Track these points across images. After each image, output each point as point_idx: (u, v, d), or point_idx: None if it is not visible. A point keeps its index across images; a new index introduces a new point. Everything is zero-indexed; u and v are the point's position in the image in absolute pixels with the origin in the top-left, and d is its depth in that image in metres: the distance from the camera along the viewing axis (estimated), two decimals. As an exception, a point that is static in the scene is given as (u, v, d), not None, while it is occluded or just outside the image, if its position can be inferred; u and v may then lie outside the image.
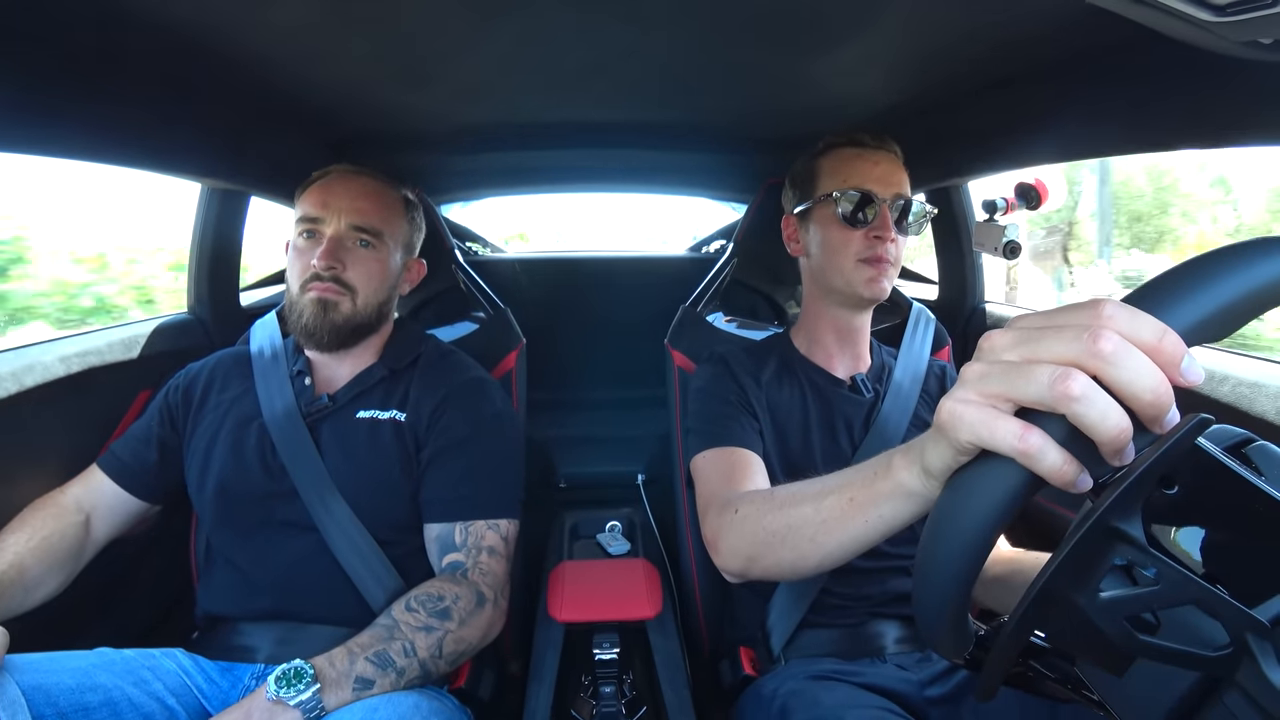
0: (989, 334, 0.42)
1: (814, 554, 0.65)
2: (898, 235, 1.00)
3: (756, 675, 1.01)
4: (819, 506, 0.63)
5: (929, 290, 1.74)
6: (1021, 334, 0.40)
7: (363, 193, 1.06)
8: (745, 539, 0.75)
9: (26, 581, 0.88)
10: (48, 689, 0.73)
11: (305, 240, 1.04)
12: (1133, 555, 0.38)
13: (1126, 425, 0.36)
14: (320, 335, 1.03)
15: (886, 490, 0.54)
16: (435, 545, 1.00)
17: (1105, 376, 0.36)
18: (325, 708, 0.76)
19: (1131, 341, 0.36)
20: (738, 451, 0.95)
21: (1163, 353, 0.36)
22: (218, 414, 1.05)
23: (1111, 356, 0.36)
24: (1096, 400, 0.36)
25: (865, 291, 1.00)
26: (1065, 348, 0.37)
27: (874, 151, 1.03)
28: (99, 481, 1.02)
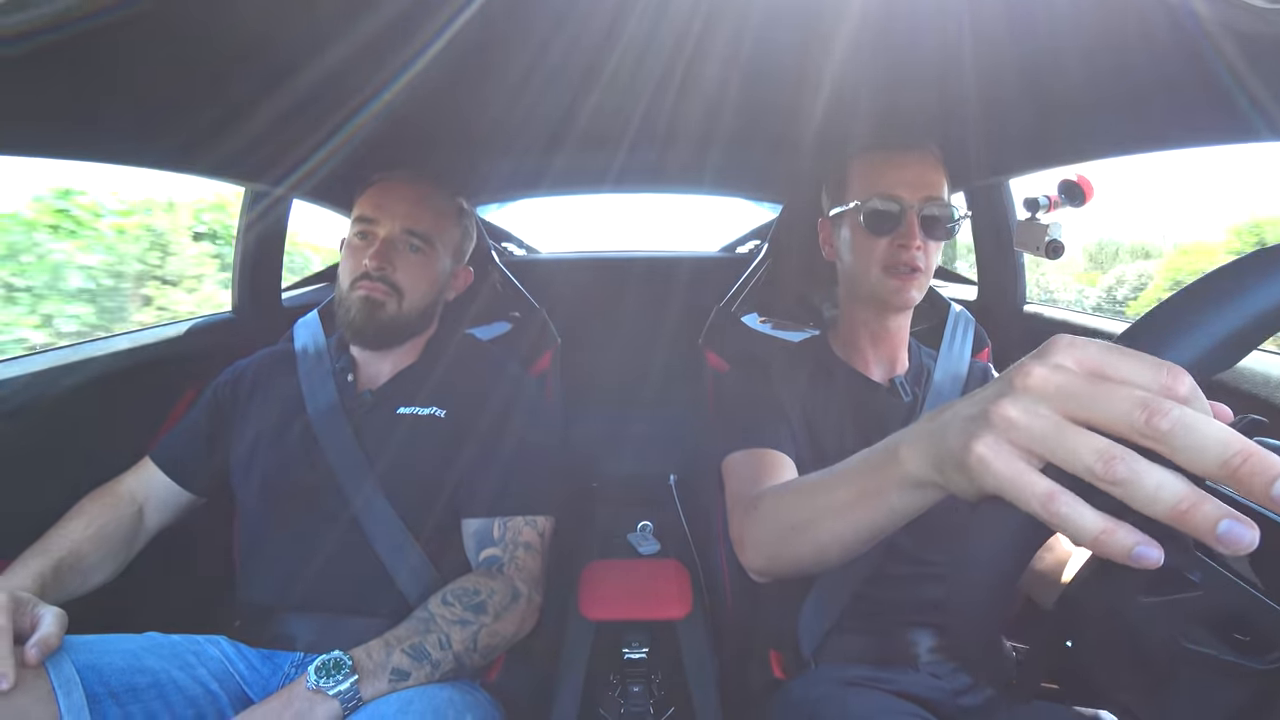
0: (1029, 368, 0.37)
1: (833, 545, 0.64)
2: (927, 241, 0.97)
3: (786, 679, 1.00)
4: (831, 498, 0.62)
5: (968, 291, 1.71)
6: (1069, 381, 0.36)
7: (417, 198, 1.10)
8: (767, 535, 0.75)
9: (84, 567, 0.92)
10: (100, 669, 0.76)
11: (360, 240, 1.08)
12: (1177, 559, 0.37)
13: (1188, 496, 0.31)
14: (365, 332, 1.06)
15: (895, 479, 0.51)
16: (473, 540, 1.01)
17: (1164, 453, 0.32)
18: (362, 698, 0.77)
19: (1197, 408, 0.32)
20: (768, 453, 0.94)
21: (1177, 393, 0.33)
22: (264, 409, 1.09)
23: (1168, 436, 0.32)
24: (1144, 484, 0.32)
25: (891, 300, 0.98)
26: (1117, 416, 0.33)
27: (903, 153, 1.00)
28: (151, 474, 1.06)
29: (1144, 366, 0.34)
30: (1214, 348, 0.35)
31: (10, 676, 0.65)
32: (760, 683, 1.05)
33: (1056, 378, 0.36)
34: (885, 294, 0.98)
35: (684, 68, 1.09)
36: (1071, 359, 0.36)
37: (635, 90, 1.20)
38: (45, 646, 0.71)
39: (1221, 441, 0.31)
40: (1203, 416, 0.32)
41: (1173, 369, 0.33)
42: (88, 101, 0.88)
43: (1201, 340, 0.35)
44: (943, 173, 1.00)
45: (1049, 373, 0.36)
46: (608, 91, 1.21)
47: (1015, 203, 1.51)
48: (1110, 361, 0.35)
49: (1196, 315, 0.35)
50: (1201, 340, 0.35)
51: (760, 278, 1.36)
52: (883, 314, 1.03)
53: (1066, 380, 0.36)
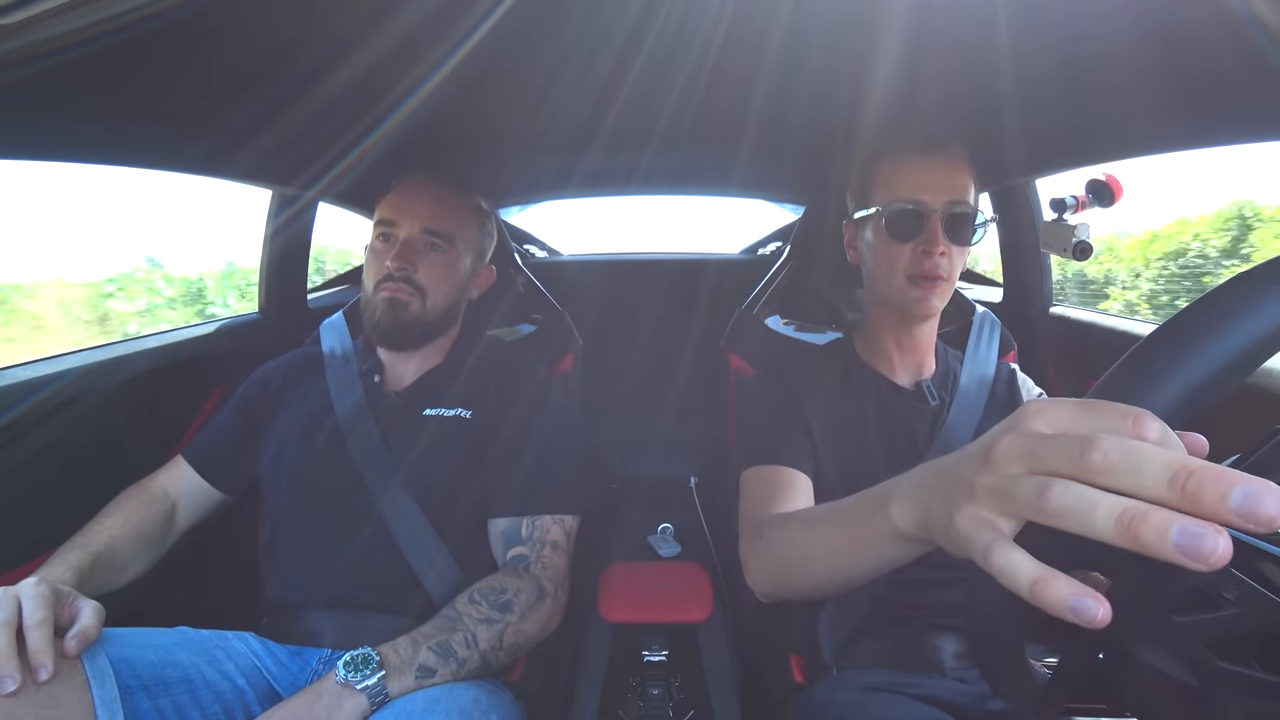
0: (999, 439, 0.38)
1: (830, 582, 0.65)
2: (951, 246, 0.95)
3: (807, 684, 0.99)
4: (828, 540, 0.63)
5: (993, 293, 1.68)
6: (1029, 442, 0.36)
7: (436, 199, 1.12)
8: (769, 564, 0.77)
9: (118, 563, 0.94)
10: (132, 662, 0.78)
11: (381, 243, 1.10)
12: (1212, 576, 0.35)
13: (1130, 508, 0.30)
14: (391, 333, 1.08)
15: (886, 532, 0.51)
16: (500, 539, 1.02)
17: (1112, 486, 0.31)
18: (389, 694, 0.78)
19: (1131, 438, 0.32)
20: (782, 471, 0.93)
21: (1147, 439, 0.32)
22: (292, 410, 1.11)
23: (1105, 466, 0.31)
24: (1079, 508, 0.32)
25: (914, 309, 0.97)
26: (1061, 460, 0.33)
27: (925, 156, 0.98)
28: (184, 472, 1.09)
29: (1110, 416, 0.34)
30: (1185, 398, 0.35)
31: (49, 666, 0.67)
32: (781, 687, 1.04)
33: (1021, 443, 0.36)
34: (908, 303, 0.97)
35: (707, 70, 1.09)
36: (1042, 422, 0.36)
37: (658, 92, 1.21)
38: (84, 638, 0.72)
39: (1163, 463, 0.30)
40: (1141, 444, 0.31)
41: (1138, 415, 0.33)
42: (124, 108, 0.90)
43: (1169, 393, 0.35)
44: (969, 174, 0.98)
45: (1017, 440, 0.37)
46: (630, 94, 1.21)
47: (1041, 203, 1.48)
48: (1079, 417, 0.35)
49: (1161, 367, 0.35)
50: (1169, 393, 0.35)
51: (782, 280, 1.36)
52: (907, 321, 1.02)
53: (1028, 442, 0.36)
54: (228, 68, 0.98)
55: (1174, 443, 0.33)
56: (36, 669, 0.66)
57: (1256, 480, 0.27)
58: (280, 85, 1.07)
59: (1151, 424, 0.32)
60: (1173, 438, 0.33)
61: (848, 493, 0.96)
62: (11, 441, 0.94)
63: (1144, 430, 0.32)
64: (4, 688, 0.64)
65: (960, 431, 1.00)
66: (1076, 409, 0.35)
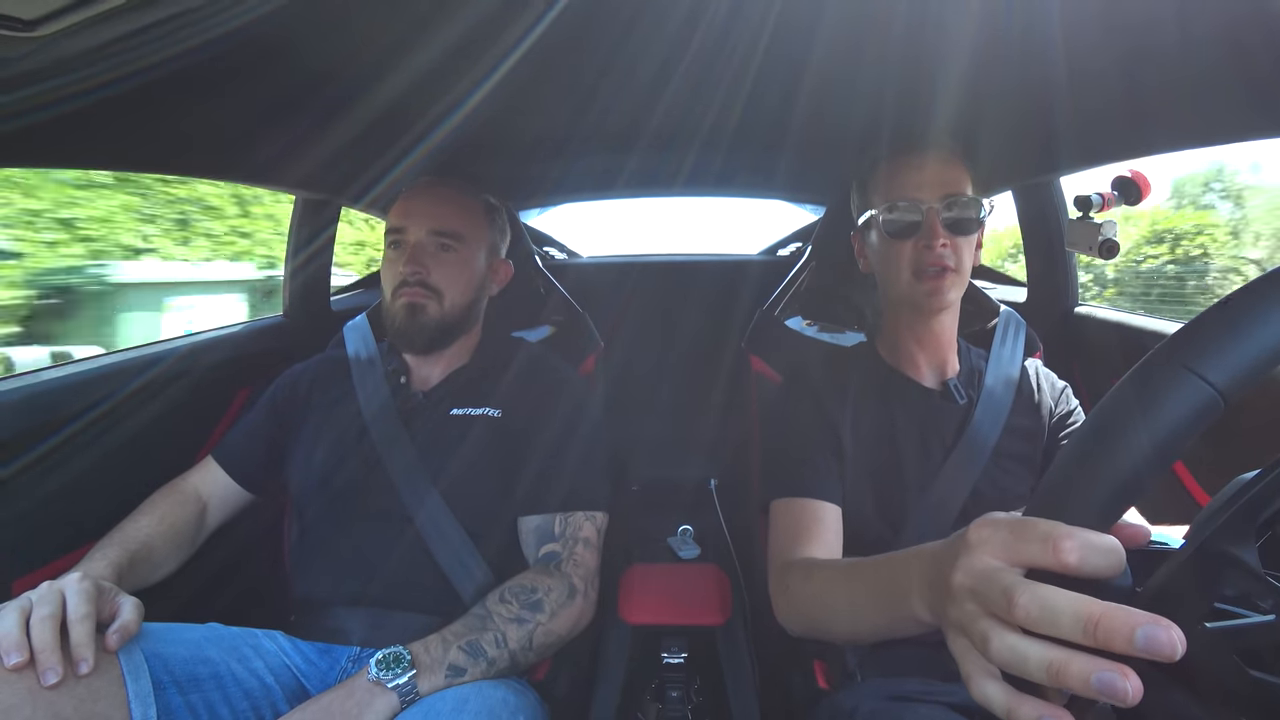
0: (953, 574, 0.42)
1: (861, 638, 0.69)
2: (954, 238, 0.95)
3: (830, 690, 0.98)
4: (853, 610, 0.67)
5: (1018, 293, 1.66)
6: (974, 582, 0.40)
7: (441, 200, 1.13)
8: (797, 613, 0.81)
9: (154, 560, 0.96)
10: (165, 657, 0.79)
11: (393, 251, 1.12)
12: (1246, 584, 0.35)
13: (1056, 659, 0.35)
14: (412, 337, 1.09)
15: (908, 618, 0.54)
16: (533, 537, 1.03)
17: (1037, 631, 0.36)
18: (419, 692, 0.79)
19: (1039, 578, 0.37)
20: (810, 505, 0.94)
21: (1066, 564, 0.36)
22: (321, 413, 1.12)
23: (1027, 621, 0.36)
24: (1015, 658, 0.36)
25: (924, 304, 0.97)
26: (997, 610, 0.38)
27: (918, 155, 0.99)
28: (215, 473, 1.10)
29: (1034, 544, 0.38)
30: (1107, 503, 0.37)
31: (90, 661, 0.69)
32: (804, 693, 1.03)
33: (969, 582, 0.41)
34: (919, 298, 0.97)
35: (729, 74, 1.09)
36: (985, 551, 0.41)
37: (679, 94, 1.21)
38: (125, 634, 0.74)
39: (1074, 613, 0.34)
40: (1051, 593, 0.35)
41: (1057, 541, 0.36)
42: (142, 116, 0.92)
43: (1093, 502, 0.37)
44: (963, 169, 0.99)
45: (965, 578, 0.41)
46: (651, 97, 1.22)
47: (1066, 201, 1.46)
48: (1012, 548, 0.39)
49: (1082, 474, 0.38)
50: (1093, 502, 0.37)
51: (804, 280, 1.35)
52: (923, 317, 1.01)
53: (974, 581, 0.40)
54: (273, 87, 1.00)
55: (1099, 548, 0.36)
56: (78, 663, 0.68)
57: (1154, 620, 0.32)
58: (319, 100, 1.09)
59: (1067, 546, 0.36)
60: (1097, 543, 0.36)
61: (878, 500, 0.96)
62: (47, 441, 0.96)
63: (1062, 557, 0.36)
64: (46, 680, 0.65)
65: (985, 432, 0.99)
66: (1009, 536, 0.40)
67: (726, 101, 1.27)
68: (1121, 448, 0.36)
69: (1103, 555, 0.36)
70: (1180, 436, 0.36)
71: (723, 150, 1.61)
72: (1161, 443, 0.36)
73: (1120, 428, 0.37)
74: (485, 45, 0.93)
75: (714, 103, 1.28)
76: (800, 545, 0.89)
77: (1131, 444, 0.36)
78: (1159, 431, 0.36)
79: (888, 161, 1.02)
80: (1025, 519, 0.39)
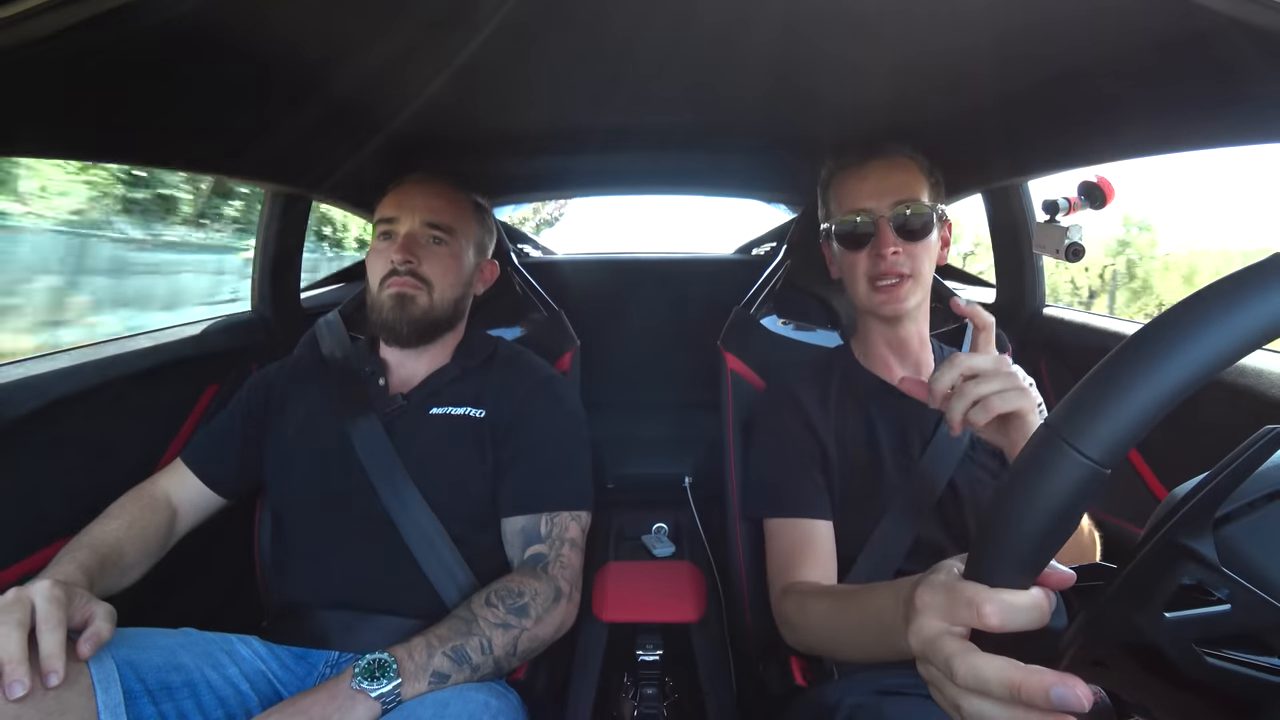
0: (908, 639, 0.48)
1: (862, 659, 0.74)
2: (907, 243, 0.97)
3: (808, 686, 0.99)
4: (853, 642, 0.71)
5: (986, 293, 1.69)
6: (924, 648, 0.46)
7: (435, 193, 1.12)
8: (801, 639, 0.85)
9: (123, 565, 0.93)
10: (137, 665, 0.77)
11: (383, 241, 1.10)
12: (1202, 575, 0.36)
13: None
14: (400, 329, 1.07)
15: (901, 651, 0.56)
16: (519, 538, 1.02)
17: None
18: (401, 698, 0.78)
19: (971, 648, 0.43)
20: (800, 525, 0.97)
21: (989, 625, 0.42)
22: (298, 416, 1.10)
23: (964, 687, 0.42)
24: None
25: (881, 311, 1.00)
26: (945, 672, 0.44)
27: (861, 165, 1.01)
28: (186, 477, 1.07)
29: (964, 611, 0.43)
30: (1025, 567, 0.41)
31: (61, 672, 0.66)
32: (781, 689, 1.04)
33: (919, 646, 0.47)
34: (875, 307, 1.00)
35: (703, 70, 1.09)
36: (931, 617, 0.46)
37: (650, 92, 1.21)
38: (97, 641, 0.71)
39: (1000, 681, 0.40)
40: (986, 664, 0.41)
41: (979, 608, 0.42)
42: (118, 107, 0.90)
43: (1007, 569, 0.42)
44: (915, 172, 1.01)
45: (916, 643, 0.47)
46: (627, 94, 1.22)
47: (1034, 204, 1.49)
48: (949, 612, 0.45)
49: (998, 537, 0.42)
50: (1007, 569, 0.42)
51: (778, 279, 1.36)
52: (889, 323, 1.04)
53: (923, 648, 0.46)
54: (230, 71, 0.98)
55: (1019, 608, 0.41)
56: (48, 674, 0.65)
57: (1065, 680, 0.38)
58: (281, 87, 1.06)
59: (988, 611, 0.41)
60: (1017, 604, 0.41)
61: (861, 498, 0.99)
62: (4, 441, 0.93)
63: (986, 621, 0.41)
64: (13, 693, 0.62)
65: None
66: (945, 601, 0.45)
67: (701, 100, 1.27)
68: (1021, 518, 0.40)
69: (1024, 613, 0.41)
70: (1070, 508, 0.39)
71: (697, 149, 1.61)
72: (1055, 513, 0.39)
73: (1019, 500, 0.40)
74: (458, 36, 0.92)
75: (689, 101, 1.28)
76: (795, 568, 0.92)
77: (1029, 514, 0.39)
78: (1051, 504, 0.39)
79: (838, 172, 1.04)
80: (956, 585, 0.45)
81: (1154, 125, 0.93)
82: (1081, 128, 1.08)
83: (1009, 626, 0.41)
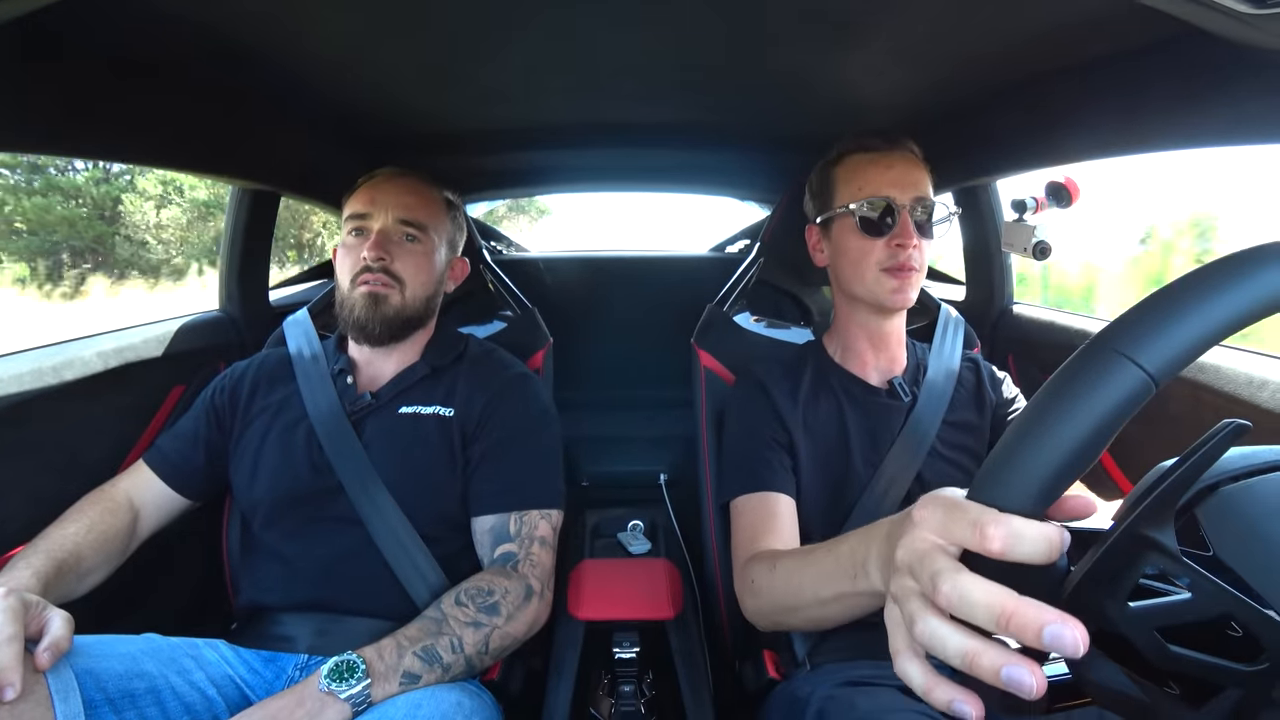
0: (896, 551, 0.44)
1: (826, 623, 0.70)
2: (920, 240, 0.98)
3: (781, 679, 1.00)
4: (816, 593, 0.67)
5: (956, 291, 1.72)
6: (913, 559, 0.42)
7: (407, 190, 1.10)
8: (764, 606, 0.82)
9: (81, 570, 0.90)
10: (98, 674, 0.75)
11: (354, 237, 1.08)
12: (1165, 565, 0.37)
13: (969, 649, 0.37)
14: (372, 328, 1.05)
15: (867, 590, 0.55)
16: (488, 537, 1.01)
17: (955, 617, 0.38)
18: (371, 699, 0.77)
19: (963, 568, 0.38)
20: (767, 497, 0.97)
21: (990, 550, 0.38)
22: (265, 416, 1.08)
23: (949, 607, 0.38)
24: (934, 642, 0.39)
25: (889, 302, 0.99)
26: (925, 589, 0.40)
27: (887, 154, 1.01)
28: (148, 479, 1.05)
29: (963, 528, 0.39)
30: (1044, 486, 0.39)
31: (17, 685, 0.64)
32: (756, 683, 1.05)
33: (908, 558, 0.43)
34: (883, 295, 0.99)
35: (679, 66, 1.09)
36: (926, 528, 0.42)
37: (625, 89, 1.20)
38: (56, 651, 0.69)
39: (988, 605, 0.36)
40: (971, 585, 0.37)
41: (983, 527, 0.38)
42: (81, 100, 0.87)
43: (1029, 483, 0.39)
44: (926, 172, 1.02)
45: (906, 554, 0.43)
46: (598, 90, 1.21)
47: (1003, 204, 1.52)
48: (947, 528, 0.41)
49: (1020, 459, 0.39)
50: (1029, 483, 0.39)
51: (752, 276, 1.37)
52: (881, 315, 1.04)
53: (912, 558, 0.42)
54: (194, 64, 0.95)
55: (1027, 537, 0.37)
56: (3, 688, 0.64)
57: (1062, 619, 0.34)
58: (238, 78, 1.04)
59: (992, 534, 0.37)
60: (1025, 532, 0.37)
61: (830, 495, 0.99)
62: None
63: (987, 543, 0.38)
64: None
65: (927, 424, 1.02)
66: (944, 515, 0.41)
67: (676, 97, 1.27)
68: (1059, 429, 0.38)
69: (1031, 543, 0.37)
70: (1114, 418, 0.37)
71: (671, 146, 1.61)
72: (1097, 424, 0.37)
73: (1058, 410, 0.38)
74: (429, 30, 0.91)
75: (663, 98, 1.28)
76: (760, 539, 0.91)
77: (1068, 425, 0.37)
78: (1095, 413, 0.37)
79: (855, 156, 1.03)
80: (962, 501, 0.41)
81: (1119, 127, 0.96)
82: (1049, 128, 1.10)
83: (1011, 555, 0.37)
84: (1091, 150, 1.04)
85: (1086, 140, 1.04)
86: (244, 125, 1.19)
